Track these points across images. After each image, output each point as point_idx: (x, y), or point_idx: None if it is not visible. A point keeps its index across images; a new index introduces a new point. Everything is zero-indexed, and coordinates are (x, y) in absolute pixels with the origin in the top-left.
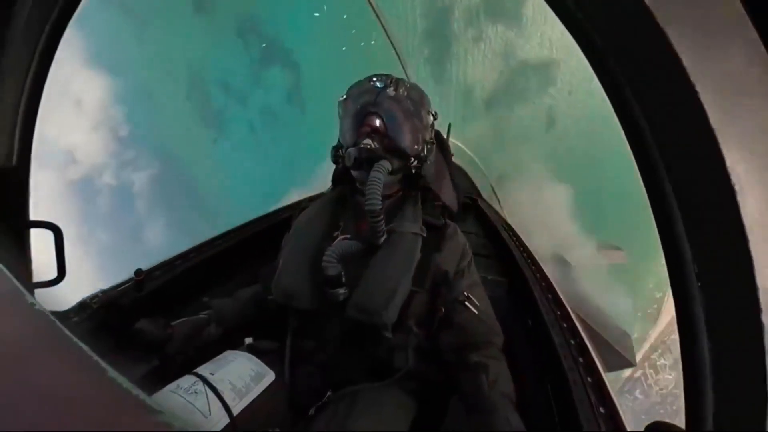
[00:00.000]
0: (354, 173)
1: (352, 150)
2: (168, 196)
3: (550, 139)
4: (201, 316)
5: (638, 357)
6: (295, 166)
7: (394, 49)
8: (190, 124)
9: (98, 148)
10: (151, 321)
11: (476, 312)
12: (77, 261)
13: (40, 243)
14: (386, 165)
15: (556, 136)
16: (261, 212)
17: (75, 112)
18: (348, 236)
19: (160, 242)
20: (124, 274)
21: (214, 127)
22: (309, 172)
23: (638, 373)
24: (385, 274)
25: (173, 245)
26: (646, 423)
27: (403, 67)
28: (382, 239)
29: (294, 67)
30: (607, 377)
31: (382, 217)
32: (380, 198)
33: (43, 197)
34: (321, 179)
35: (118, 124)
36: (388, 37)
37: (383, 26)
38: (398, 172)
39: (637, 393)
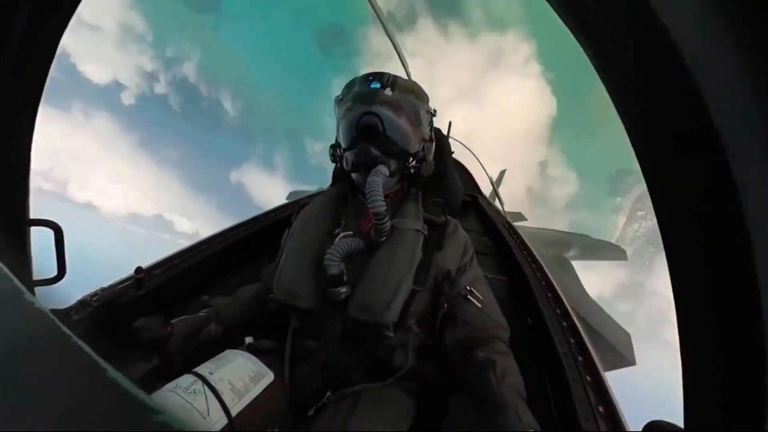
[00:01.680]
0: (353, 176)
1: (349, 154)
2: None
3: None
4: (201, 314)
5: None
6: (301, 17)
7: (394, 46)
8: (182, 16)
9: (136, 59)
10: (151, 319)
11: (480, 306)
12: (165, 182)
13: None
14: (383, 170)
15: None
16: (286, 75)
17: (98, 39)
18: (350, 233)
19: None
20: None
21: (206, 10)
22: (319, 22)
23: None
24: (386, 272)
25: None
26: None
27: (403, 65)
28: (384, 237)
29: None
30: (607, 376)
31: (387, 217)
32: (383, 199)
33: (106, 139)
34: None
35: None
36: (388, 35)
37: (383, 24)
38: (397, 173)
39: None
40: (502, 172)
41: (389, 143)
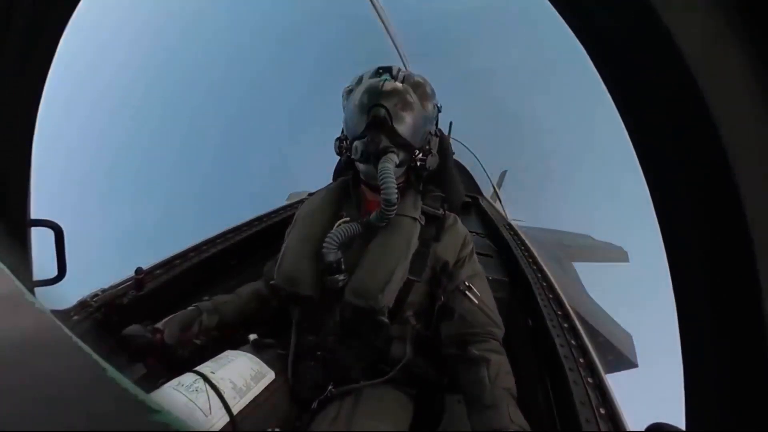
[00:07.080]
0: (360, 166)
1: (358, 143)
2: None
3: None
4: (189, 309)
5: None
6: None
7: (394, 44)
8: None
9: None
10: (139, 327)
11: (477, 302)
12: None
13: None
14: (393, 158)
15: None
16: None
17: None
18: (347, 218)
19: None
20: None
21: None
22: None
23: None
24: (381, 258)
25: None
26: None
27: (404, 63)
28: (385, 222)
29: None
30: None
31: (396, 206)
32: (396, 188)
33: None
34: None
35: None
36: (389, 35)
37: (384, 24)
38: (403, 165)
39: None
40: (503, 173)
41: (396, 135)
